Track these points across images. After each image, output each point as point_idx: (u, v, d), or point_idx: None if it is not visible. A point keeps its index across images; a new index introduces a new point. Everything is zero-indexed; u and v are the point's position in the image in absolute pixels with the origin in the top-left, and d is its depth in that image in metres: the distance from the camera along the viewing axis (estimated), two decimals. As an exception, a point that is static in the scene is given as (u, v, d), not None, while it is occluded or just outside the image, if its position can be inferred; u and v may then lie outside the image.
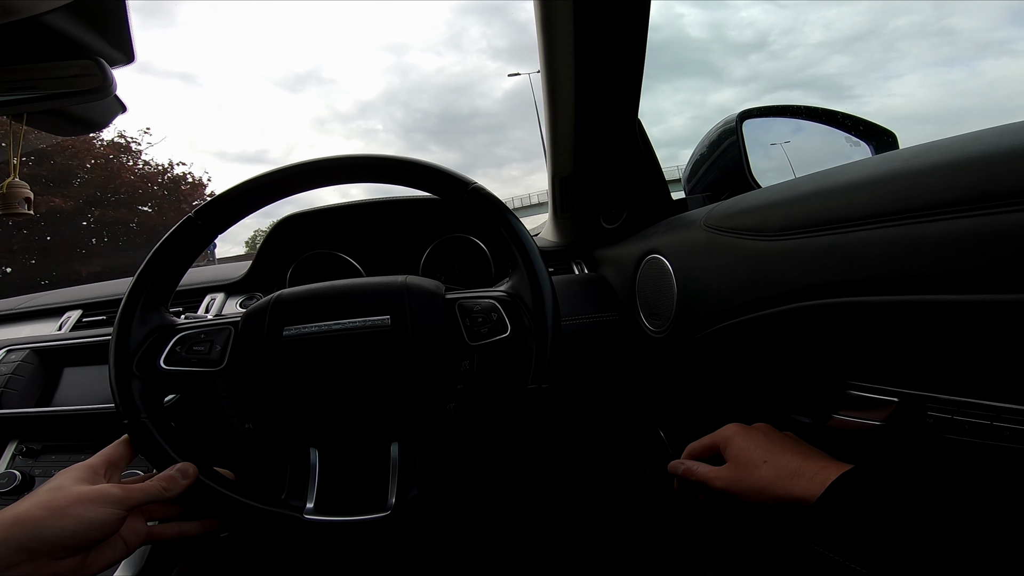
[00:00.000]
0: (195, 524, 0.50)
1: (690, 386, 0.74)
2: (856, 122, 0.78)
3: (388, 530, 0.48)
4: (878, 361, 0.46)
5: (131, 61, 0.72)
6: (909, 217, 0.37)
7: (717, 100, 36.18)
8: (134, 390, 0.49)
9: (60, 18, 0.60)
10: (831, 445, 0.47)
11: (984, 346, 0.37)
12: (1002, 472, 0.38)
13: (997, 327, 0.34)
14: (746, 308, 0.52)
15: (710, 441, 0.52)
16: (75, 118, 0.80)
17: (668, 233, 0.70)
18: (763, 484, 0.44)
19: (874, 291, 0.40)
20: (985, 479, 0.40)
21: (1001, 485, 0.39)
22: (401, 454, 0.52)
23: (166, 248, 0.53)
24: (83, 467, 0.45)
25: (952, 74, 42.52)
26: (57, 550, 0.39)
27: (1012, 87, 25.74)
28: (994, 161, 0.33)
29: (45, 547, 0.38)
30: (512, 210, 0.57)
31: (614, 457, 0.92)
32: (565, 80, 0.75)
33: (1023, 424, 0.36)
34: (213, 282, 0.89)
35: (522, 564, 0.86)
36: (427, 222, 0.94)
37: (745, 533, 0.71)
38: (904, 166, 0.39)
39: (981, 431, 0.38)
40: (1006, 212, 0.32)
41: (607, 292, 0.84)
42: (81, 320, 0.86)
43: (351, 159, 0.56)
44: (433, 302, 0.55)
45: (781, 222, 0.49)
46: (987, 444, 0.38)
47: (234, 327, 0.54)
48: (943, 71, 43.94)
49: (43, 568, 0.38)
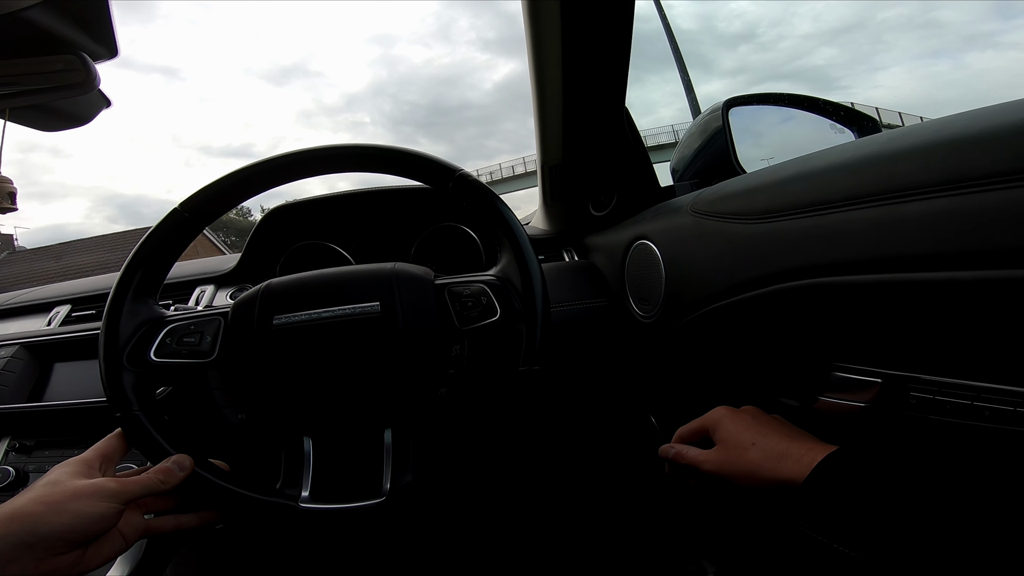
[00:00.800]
0: (192, 516, 0.50)
1: (679, 370, 0.75)
2: (838, 108, 0.79)
3: (384, 516, 0.49)
4: (861, 342, 0.46)
5: (114, 56, 0.71)
6: (888, 198, 0.38)
7: (706, 91, 36.14)
8: (125, 383, 0.49)
9: (42, 13, 0.59)
10: (819, 427, 0.48)
11: (963, 324, 0.38)
12: (984, 452, 0.39)
13: (974, 304, 0.35)
14: (732, 291, 0.53)
15: (699, 425, 0.53)
16: (59, 113, 0.80)
17: (656, 219, 0.71)
18: (752, 466, 0.45)
19: (855, 271, 0.41)
20: (968, 459, 0.41)
21: (983, 465, 0.39)
22: (395, 440, 0.52)
23: (153, 240, 0.53)
24: (78, 461, 0.45)
25: (938, 66, 42.63)
26: (56, 545, 0.39)
27: (995, 79, 25.96)
28: (966, 144, 0.34)
29: (44, 542, 0.38)
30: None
31: (606, 443, 0.93)
32: (553, 69, 0.76)
33: (1003, 404, 0.37)
34: (202, 274, 0.89)
35: (516, 550, 0.88)
36: (417, 212, 0.94)
37: (737, 519, 0.72)
38: (882, 149, 0.40)
39: (963, 411, 0.39)
40: (978, 192, 0.33)
41: (597, 278, 0.84)
42: (70, 315, 0.86)
43: (338, 149, 0.56)
44: (423, 288, 0.55)
45: (765, 206, 0.49)
46: (969, 424, 0.39)
47: (224, 318, 0.55)
48: (929, 63, 44.11)
49: (43, 563, 0.38)
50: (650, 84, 5.06)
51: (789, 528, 0.57)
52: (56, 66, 0.67)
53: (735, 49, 44.25)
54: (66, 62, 0.67)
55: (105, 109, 0.82)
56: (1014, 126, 0.32)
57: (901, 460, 0.38)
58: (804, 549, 0.58)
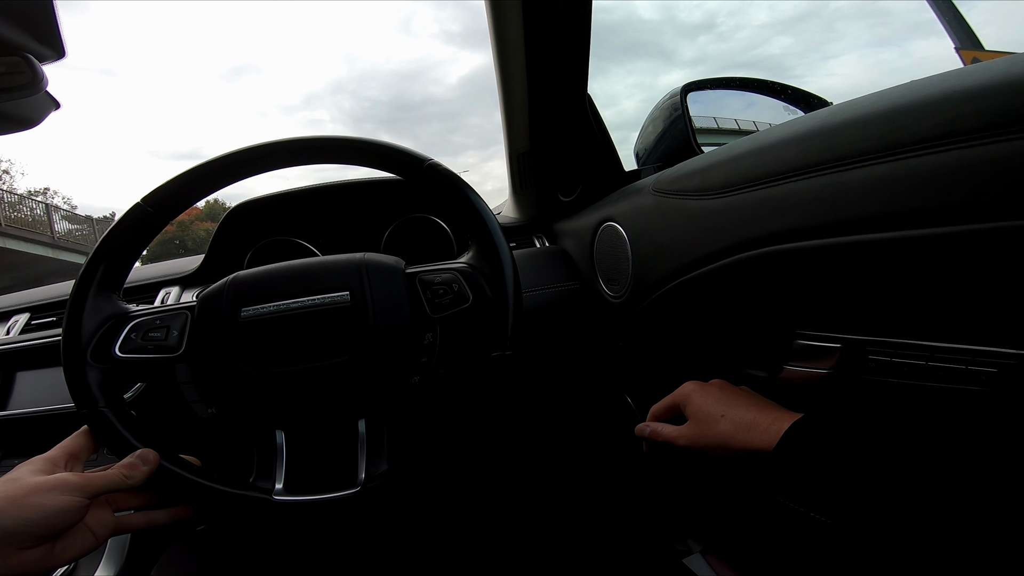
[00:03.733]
0: (163, 513, 0.49)
1: (651, 348, 0.77)
2: (785, 88, 0.83)
3: (359, 506, 0.49)
4: (819, 306, 0.49)
5: (61, 56, 0.69)
6: (832, 167, 0.40)
7: (667, 82, 36.65)
8: (91, 380, 0.48)
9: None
10: (785, 396, 0.49)
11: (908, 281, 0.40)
12: (941, 411, 0.42)
13: (915, 261, 0.38)
14: (694, 264, 0.55)
15: (670, 401, 0.54)
16: (5, 116, 0.77)
17: (621, 201, 0.72)
18: (723, 438, 0.46)
19: (807, 237, 0.43)
20: (926, 419, 0.43)
21: (941, 424, 0.41)
22: (368, 430, 0.52)
23: (115, 235, 0.52)
24: (41, 459, 0.44)
25: (885, 54, 44.01)
26: (20, 539, 0.38)
27: (936, 66, 27.39)
28: (899, 113, 0.36)
29: (8, 537, 0.38)
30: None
31: (584, 426, 0.94)
32: (516, 60, 0.77)
33: (955, 363, 0.40)
34: (167, 276, 0.87)
35: (498, 537, 0.88)
36: (385, 204, 0.94)
37: (720, 496, 0.74)
38: (825, 122, 0.42)
39: (918, 372, 0.42)
40: (912, 157, 0.35)
41: (568, 263, 0.86)
42: (29, 323, 0.83)
43: (307, 141, 0.55)
44: (393, 276, 0.55)
45: (721, 181, 0.51)
46: (926, 386, 0.41)
47: (190, 312, 0.54)
48: (877, 51, 45.56)
49: (8, 558, 0.38)
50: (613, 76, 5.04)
51: (768, 501, 0.59)
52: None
53: (695, 40, 44.91)
54: (10, 64, 0.65)
55: (54, 111, 0.79)
56: (941, 95, 0.34)
57: (864, 424, 0.40)
58: (784, 520, 0.60)
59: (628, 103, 22.11)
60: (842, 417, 0.41)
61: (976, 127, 0.32)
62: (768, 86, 0.84)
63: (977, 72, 0.33)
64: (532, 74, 0.78)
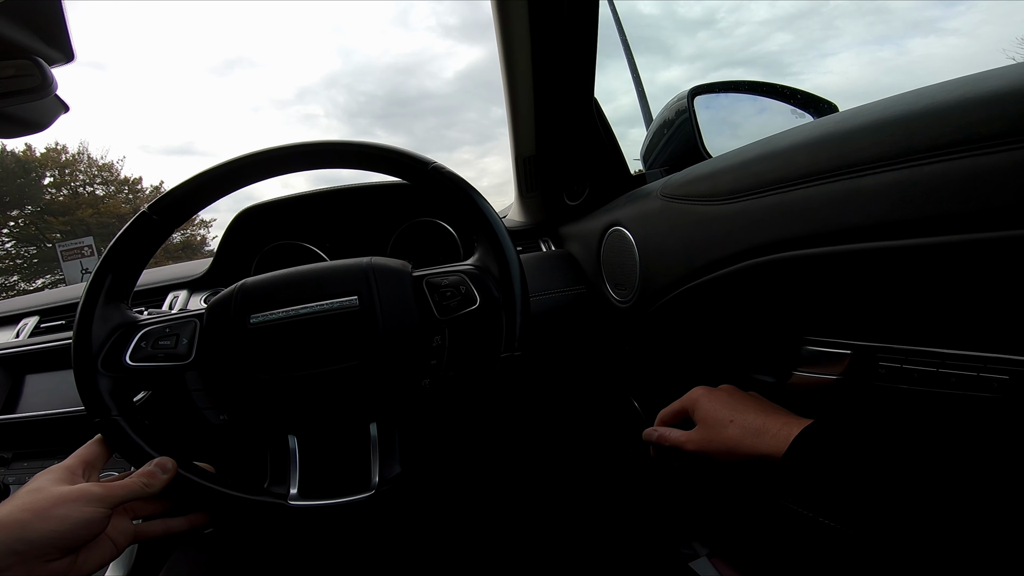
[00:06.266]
0: (181, 520, 0.50)
1: (658, 353, 0.77)
2: (795, 92, 0.83)
3: (373, 509, 0.49)
4: (829, 313, 0.48)
5: (71, 60, 0.70)
6: (843, 173, 0.40)
7: (666, 78, 36.20)
8: (102, 388, 0.49)
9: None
10: (794, 401, 0.49)
11: (918, 289, 0.40)
12: (952, 418, 0.41)
13: (926, 269, 0.38)
14: (702, 271, 0.55)
15: (679, 406, 0.54)
16: (15, 120, 0.77)
17: (628, 205, 0.72)
18: (731, 443, 0.46)
19: (816, 244, 0.43)
20: (938, 426, 0.42)
21: (952, 431, 0.41)
22: (380, 433, 0.53)
23: (122, 244, 0.52)
24: (60, 468, 0.44)
25: (883, 52, 43.54)
26: (46, 551, 0.38)
27: (934, 64, 26.99)
28: (911, 120, 0.36)
29: (33, 549, 0.38)
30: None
31: (591, 429, 0.94)
32: (523, 63, 0.77)
33: (967, 370, 0.39)
34: (175, 280, 0.87)
35: (508, 539, 0.88)
36: (392, 208, 0.94)
37: (727, 499, 0.74)
38: (837, 128, 0.42)
39: (930, 379, 0.41)
40: (924, 164, 0.35)
41: (574, 267, 0.86)
42: (39, 326, 0.84)
43: (308, 146, 0.55)
44: (400, 280, 0.55)
45: (730, 186, 0.51)
46: (937, 392, 0.41)
47: (199, 319, 0.54)
48: (875, 49, 45.06)
49: (34, 570, 0.38)
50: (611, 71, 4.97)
51: (776, 505, 0.58)
52: (8, 72, 0.65)
53: (694, 35, 44.60)
54: (19, 67, 0.65)
55: (63, 114, 0.80)
56: (955, 102, 0.34)
57: (874, 430, 0.39)
58: (792, 525, 0.60)
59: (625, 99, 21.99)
60: (852, 423, 0.41)
61: (989, 134, 0.32)
62: (777, 90, 0.84)
63: (991, 78, 0.33)
64: (538, 77, 0.78)
